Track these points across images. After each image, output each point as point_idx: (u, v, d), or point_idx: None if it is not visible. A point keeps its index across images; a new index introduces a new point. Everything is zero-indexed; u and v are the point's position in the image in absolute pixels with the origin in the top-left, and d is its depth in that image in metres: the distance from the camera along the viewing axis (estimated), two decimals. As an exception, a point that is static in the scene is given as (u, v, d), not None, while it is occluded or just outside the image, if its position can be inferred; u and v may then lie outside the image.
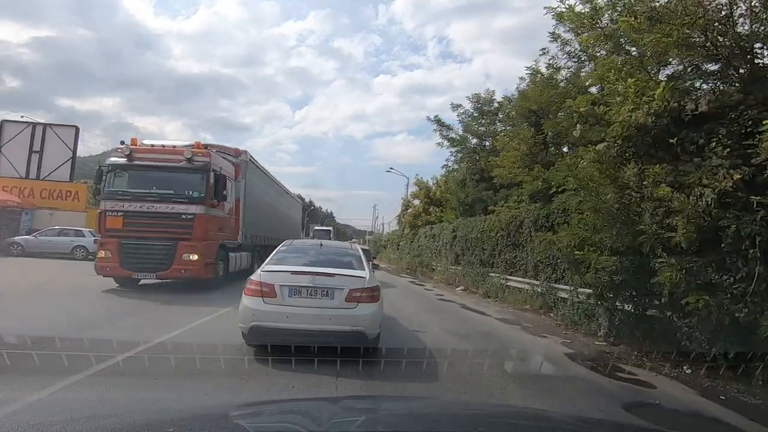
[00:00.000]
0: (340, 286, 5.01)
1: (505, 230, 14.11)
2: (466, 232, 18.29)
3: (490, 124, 20.69)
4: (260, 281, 5.02)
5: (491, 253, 15.30)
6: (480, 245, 16.37)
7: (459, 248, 19.22)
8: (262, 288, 4.95)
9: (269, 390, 4.15)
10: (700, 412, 4.76)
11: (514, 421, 1.80)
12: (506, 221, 14.14)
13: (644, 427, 3.18)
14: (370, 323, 5.00)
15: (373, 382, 4.52)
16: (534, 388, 4.96)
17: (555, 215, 11.05)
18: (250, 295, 5.01)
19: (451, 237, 20.45)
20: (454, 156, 23.26)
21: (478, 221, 17.08)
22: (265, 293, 4.92)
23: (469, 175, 20.67)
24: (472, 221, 17.81)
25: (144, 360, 4.65)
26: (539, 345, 7.51)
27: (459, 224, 19.89)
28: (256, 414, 1.73)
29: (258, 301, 4.93)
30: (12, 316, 6.98)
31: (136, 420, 1.47)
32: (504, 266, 14.12)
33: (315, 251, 6.12)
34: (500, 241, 14.54)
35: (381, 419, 1.71)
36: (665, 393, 5.12)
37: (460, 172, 21.73)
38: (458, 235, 19.60)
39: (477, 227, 16.85)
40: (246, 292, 5.07)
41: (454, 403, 3.08)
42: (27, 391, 3.59)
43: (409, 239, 31.66)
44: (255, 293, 4.98)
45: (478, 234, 16.57)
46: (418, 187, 31.87)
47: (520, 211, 13.52)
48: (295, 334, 4.76)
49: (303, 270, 5.20)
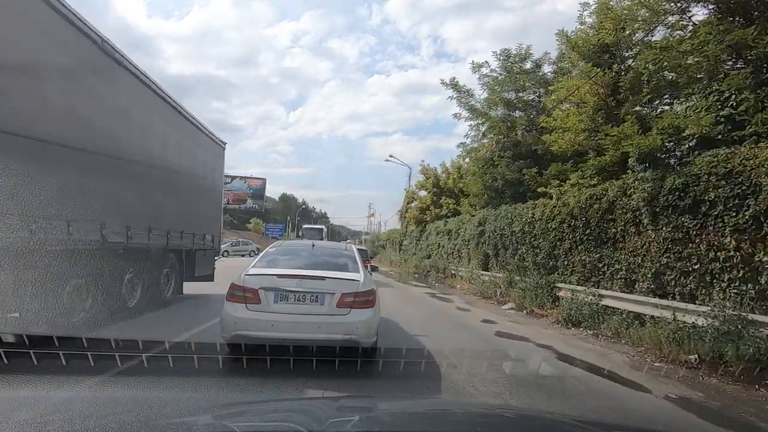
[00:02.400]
0: (330, 290, 4.51)
1: (579, 218, 9.34)
2: (500, 224, 13.51)
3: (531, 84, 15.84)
4: (243, 286, 4.51)
5: (549, 253, 10.53)
6: (528, 242, 11.58)
7: (490, 246, 14.44)
8: (245, 293, 4.47)
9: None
10: None
11: (513, 421, 1.74)
12: (579, 205, 9.38)
13: (644, 427, 3.02)
14: (364, 331, 4.47)
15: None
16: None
17: (707, 182, 6.31)
18: (233, 301, 4.52)
19: (477, 232, 15.67)
20: (475, 130, 18.40)
21: (522, 209, 12.29)
22: (249, 299, 4.45)
23: (500, 151, 15.86)
24: (511, 210, 13.02)
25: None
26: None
27: (487, 215, 15.13)
28: (253, 413, 1.70)
29: (240, 307, 4.45)
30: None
31: (136, 419, 1.49)
32: (577, 273, 9.34)
33: (306, 252, 5.60)
34: (568, 235, 9.77)
35: (379, 419, 1.67)
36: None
37: (485, 150, 16.91)
38: (487, 230, 14.84)
39: (521, 217, 12.07)
40: (228, 298, 4.56)
41: (453, 403, 3.05)
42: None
43: (415, 237, 26.82)
44: (237, 299, 4.49)
45: (525, 226, 11.79)
46: (425, 176, 27.01)
47: (607, 188, 8.74)
48: (282, 344, 4.18)
49: (290, 273, 4.69)
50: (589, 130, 10.72)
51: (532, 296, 9.62)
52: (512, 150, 15.71)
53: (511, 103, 16.43)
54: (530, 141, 14.89)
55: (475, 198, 17.54)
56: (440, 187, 25.15)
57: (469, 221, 17.36)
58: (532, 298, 9.58)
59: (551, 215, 10.61)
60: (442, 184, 25.21)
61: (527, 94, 16.05)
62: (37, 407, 2.46)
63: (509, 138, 15.69)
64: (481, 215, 15.80)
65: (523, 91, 16.14)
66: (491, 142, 16.54)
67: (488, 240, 14.69)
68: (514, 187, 15.41)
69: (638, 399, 4.35)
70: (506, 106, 16.39)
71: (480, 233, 15.52)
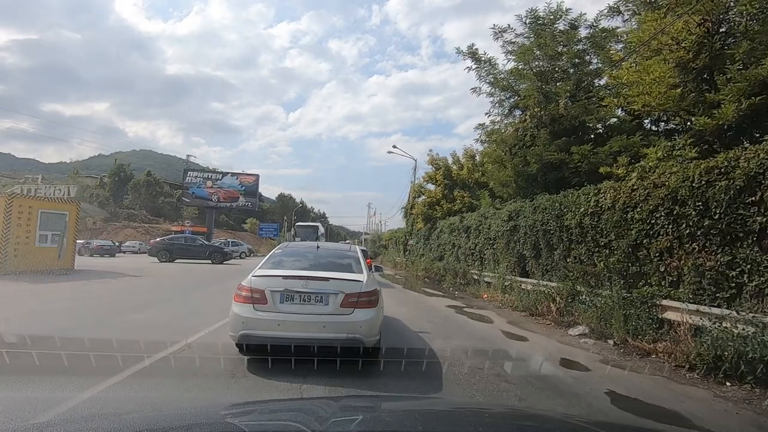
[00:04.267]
0: (334, 290, 4.59)
1: (690, 203, 6.34)
2: (542, 218, 10.52)
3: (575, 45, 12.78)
4: (250, 287, 4.62)
5: (629, 254, 7.54)
6: (592, 239, 8.58)
7: (527, 246, 11.45)
8: (252, 294, 4.58)
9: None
10: None
11: (513, 421, 1.71)
12: (688, 184, 6.39)
13: (644, 427, 2.84)
14: (367, 330, 4.53)
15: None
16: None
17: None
18: (240, 301, 4.64)
19: (507, 229, 12.67)
20: (498, 108, 15.36)
21: (577, 196, 9.29)
22: (256, 300, 4.58)
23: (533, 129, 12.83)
24: (559, 198, 10.02)
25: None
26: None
27: (521, 208, 12.14)
28: (256, 413, 1.72)
29: (248, 308, 4.57)
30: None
31: (136, 419, 1.51)
32: (690, 284, 6.34)
33: (312, 254, 5.69)
34: (666, 229, 6.77)
35: (381, 418, 1.65)
36: None
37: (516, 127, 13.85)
38: (522, 225, 11.84)
39: (577, 206, 9.07)
40: (236, 299, 4.67)
41: (453, 403, 2.96)
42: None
43: (423, 236, 23.78)
44: (245, 300, 4.61)
45: (584, 219, 8.80)
46: (434, 167, 23.96)
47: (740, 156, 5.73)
48: (287, 343, 4.35)
49: (296, 274, 4.79)
50: (683, 83, 7.69)
51: (619, 318, 6.57)
52: (550, 126, 12.72)
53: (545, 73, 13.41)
54: (575, 113, 11.90)
55: (503, 188, 14.51)
56: (452, 178, 22.11)
57: (494, 216, 14.33)
58: (620, 321, 6.54)
59: (630, 202, 7.62)
60: (454, 176, 22.17)
61: (569, 58, 13.00)
62: (39, 407, 2.62)
63: (546, 112, 12.68)
64: (512, 208, 12.79)
65: (564, 55, 13.10)
66: (523, 117, 13.50)
67: (524, 238, 11.68)
68: (553, 172, 12.42)
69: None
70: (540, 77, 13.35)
71: (511, 230, 12.51)
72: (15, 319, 6.68)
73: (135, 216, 61.27)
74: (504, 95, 14.73)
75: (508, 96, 14.75)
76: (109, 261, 25.23)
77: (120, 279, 13.38)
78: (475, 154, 22.70)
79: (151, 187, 67.38)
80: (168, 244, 24.45)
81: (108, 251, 32.05)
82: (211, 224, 46.30)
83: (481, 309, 10.16)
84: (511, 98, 14.68)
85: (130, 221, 58.52)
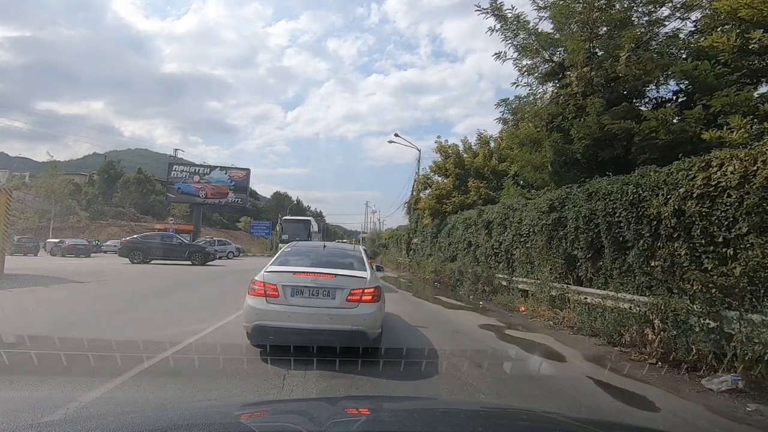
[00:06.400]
0: (341, 286, 4.96)
1: None
2: (603, 207, 7.82)
3: None
4: (264, 282, 4.98)
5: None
6: (702, 232, 5.85)
7: (579, 245, 8.74)
8: (265, 288, 4.95)
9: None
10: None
11: (513, 421, 1.70)
12: None
13: (644, 427, 2.93)
14: (370, 323, 4.90)
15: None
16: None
17: None
18: (254, 294, 5.00)
19: (548, 223, 9.94)
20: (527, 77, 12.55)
21: (673, 174, 6.55)
22: (269, 293, 4.94)
23: (580, 96, 10.05)
24: (634, 179, 7.29)
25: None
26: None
27: (567, 196, 9.44)
28: (255, 413, 1.68)
29: (261, 300, 4.94)
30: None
31: (136, 419, 1.49)
32: None
33: (318, 253, 6.04)
34: None
35: (380, 419, 1.64)
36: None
37: (558, 96, 11.07)
38: (569, 218, 9.13)
39: (673, 186, 6.35)
40: (250, 292, 5.06)
41: (453, 403, 3.02)
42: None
43: (431, 233, 20.98)
44: (258, 293, 4.98)
45: (684, 204, 6.07)
46: (443, 155, 21.15)
47: None
48: (297, 333, 4.76)
49: (305, 270, 5.17)
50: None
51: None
52: (604, 91, 9.96)
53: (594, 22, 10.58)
54: (639, 71, 9.12)
55: (536, 173, 11.72)
56: (465, 167, 19.34)
57: (525, 207, 11.59)
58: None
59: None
60: (467, 164, 19.40)
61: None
62: (40, 408, 2.59)
63: (598, 72, 9.91)
64: (554, 195, 10.05)
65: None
66: (566, 82, 10.71)
67: (574, 233, 8.95)
68: (607, 149, 9.64)
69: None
70: (587, 27, 10.53)
71: (554, 223, 9.77)
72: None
73: (123, 214, 58.45)
74: (539, 59, 11.95)
75: (543, 59, 11.97)
76: (76, 262, 22.41)
77: (52, 287, 10.50)
78: (489, 140, 19.96)
79: (141, 185, 64.69)
80: (140, 243, 21.57)
81: (83, 251, 29.26)
82: (199, 222, 43.33)
83: (530, 331, 7.36)
84: (547, 63, 11.91)
85: (118, 219, 55.70)
